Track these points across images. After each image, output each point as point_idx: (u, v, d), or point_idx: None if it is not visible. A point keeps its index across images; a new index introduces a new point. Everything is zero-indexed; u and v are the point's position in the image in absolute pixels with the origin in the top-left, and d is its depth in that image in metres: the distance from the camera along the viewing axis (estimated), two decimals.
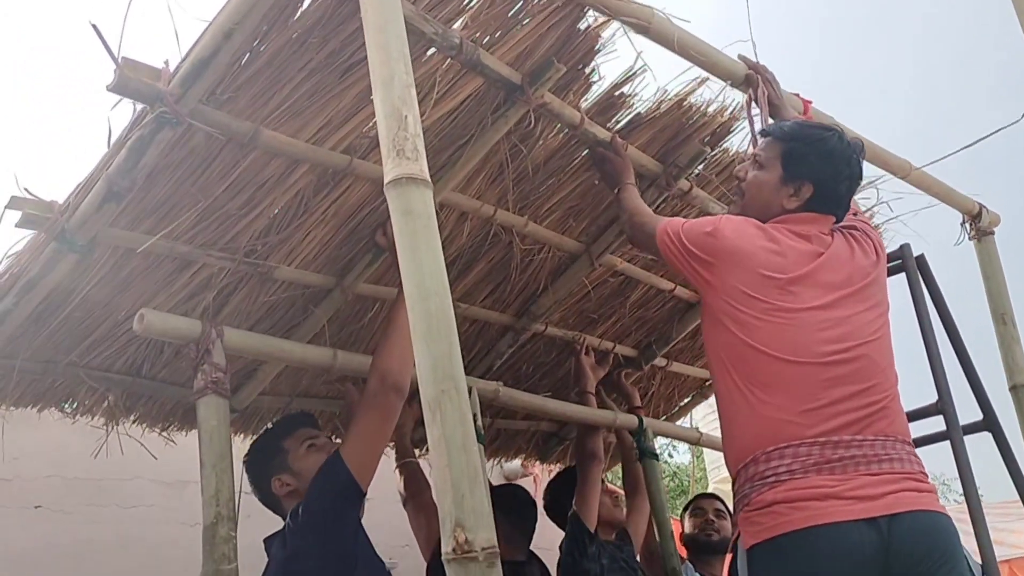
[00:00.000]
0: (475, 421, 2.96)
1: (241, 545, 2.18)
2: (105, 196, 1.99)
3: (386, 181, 1.52)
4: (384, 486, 2.55)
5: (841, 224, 2.30)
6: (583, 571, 3.31)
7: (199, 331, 2.27)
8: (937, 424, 2.49)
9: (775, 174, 2.26)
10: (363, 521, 2.38)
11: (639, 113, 2.81)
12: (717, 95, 2.88)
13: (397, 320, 2.34)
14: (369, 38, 1.61)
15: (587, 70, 2.56)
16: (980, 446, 2.64)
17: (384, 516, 4.25)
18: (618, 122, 2.80)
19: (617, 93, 2.70)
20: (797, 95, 2.78)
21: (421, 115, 2.29)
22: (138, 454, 4.12)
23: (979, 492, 2.65)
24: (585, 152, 2.85)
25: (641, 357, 4.02)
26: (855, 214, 2.43)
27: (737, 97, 2.88)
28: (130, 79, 1.81)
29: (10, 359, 2.39)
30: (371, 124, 2.30)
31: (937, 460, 2.42)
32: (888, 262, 2.53)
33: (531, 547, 3.41)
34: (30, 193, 2.04)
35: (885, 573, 1.88)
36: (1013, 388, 3.20)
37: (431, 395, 1.41)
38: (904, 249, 2.64)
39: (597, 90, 2.67)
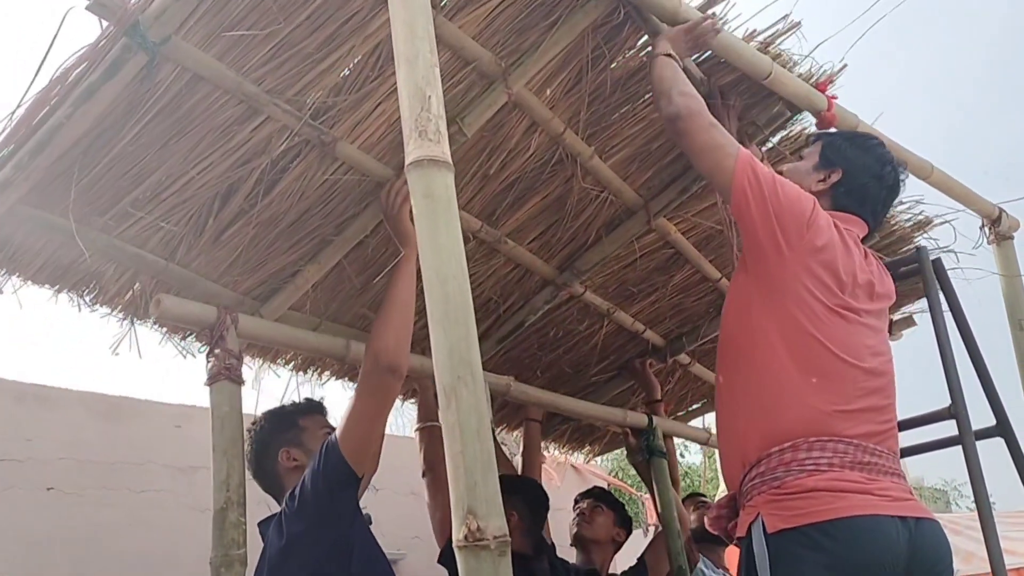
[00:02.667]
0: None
1: (254, 531, 2.22)
2: None
3: (407, 162, 1.50)
4: (392, 477, 2.45)
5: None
6: None
7: (214, 317, 2.29)
8: (950, 428, 2.51)
9: (811, 162, 2.34)
10: (371, 512, 2.37)
11: None
12: (807, 55, 2.78)
13: (392, 298, 2.28)
14: (393, 13, 1.57)
15: None
16: (993, 455, 2.63)
17: (392, 508, 4.13)
18: (704, 57, 2.68)
19: (708, 13, 2.59)
20: (826, 93, 2.70)
21: None
22: (150, 438, 4.04)
23: (991, 500, 2.57)
24: None
25: (668, 348, 3.92)
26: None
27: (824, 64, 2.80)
28: None
29: (41, 208, 2.17)
30: None
31: (950, 466, 2.41)
32: (904, 265, 2.64)
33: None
34: None
35: (908, 571, 1.90)
36: None
37: (447, 381, 1.39)
38: (921, 252, 2.65)
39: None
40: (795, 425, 1.97)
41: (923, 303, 3.42)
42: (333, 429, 2.33)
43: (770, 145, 2.97)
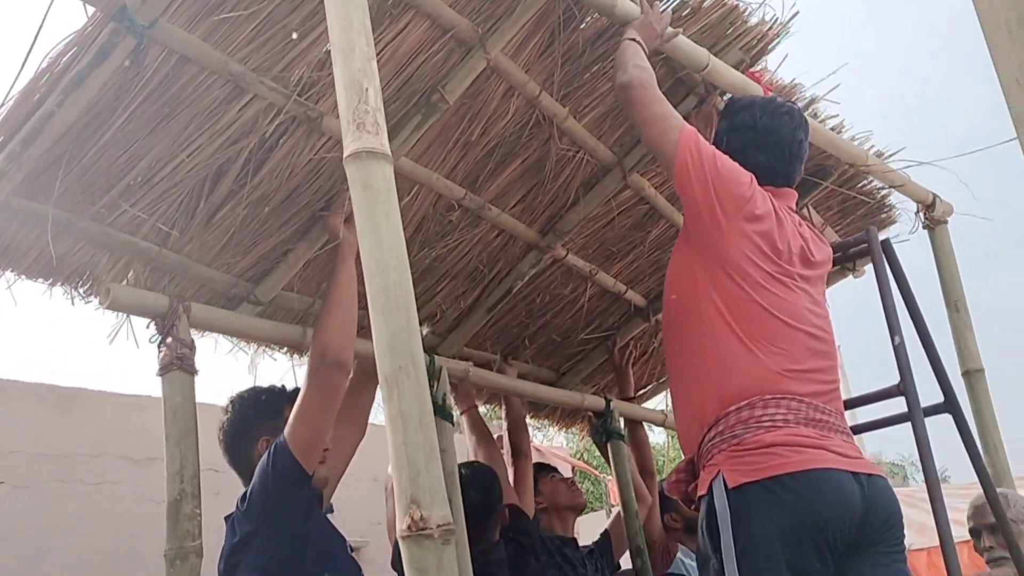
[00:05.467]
0: (444, 401, 2.94)
1: (211, 522, 2.18)
2: None
3: (345, 155, 1.50)
4: (353, 464, 2.47)
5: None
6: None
7: (166, 306, 2.28)
8: (900, 405, 2.54)
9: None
10: (333, 500, 2.36)
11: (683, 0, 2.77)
12: (760, 4, 2.86)
13: (333, 296, 2.30)
14: (329, 7, 1.57)
15: None
16: (949, 430, 2.70)
17: (354, 495, 4.07)
18: (664, 6, 2.74)
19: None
20: (756, 78, 2.79)
21: None
22: (105, 430, 3.95)
23: (944, 473, 2.67)
24: None
25: (649, 307, 3.96)
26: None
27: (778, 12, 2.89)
28: None
29: (34, 200, 2.16)
30: None
31: (908, 441, 2.47)
32: (855, 246, 2.70)
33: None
34: None
35: (863, 524, 1.97)
36: (965, 373, 3.30)
37: (388, 371, 1.39)
38: (870, 233, 2.71)
39: None
40: (750, 384, 2.04)
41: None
42: None
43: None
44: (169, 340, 2.25)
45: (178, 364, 2.23)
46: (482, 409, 3.96)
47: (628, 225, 3.48)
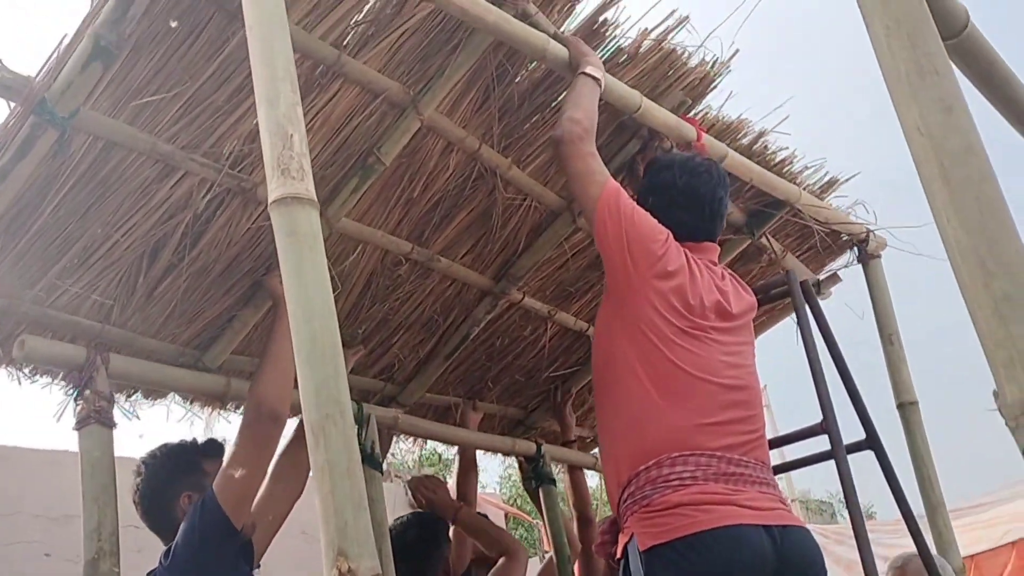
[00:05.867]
0: (373, 449, 2.93)
1: None
2: (91, 54, 1.86)
3: (270, 200, 1.49)
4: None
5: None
6: None
7: (83, 357, 2.25)
8: (824, 443, 2.60)
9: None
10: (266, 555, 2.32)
11: (620, 47, 2.79)
12: (699, 46, 2.89)
13: (271, 351, 2.31)
14: (253, 54, 1.58)
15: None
16: (874, 467, 2.76)
17: (283, 548, 3.92)
18: (602, 56, 2.77)
19: (600, 19, 2.67)
20: (691, 120, 2.83)
21: (407, 13, 2.29)
22: (20, 488, 3.84)
23: (869, 510, 2.70)
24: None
25: None
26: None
27: (718, 51, 2.92)
28: None
29: None
30: (363, 12, 2.24)
31: (835, 479, 2.53)
32: (775, 287, 2.76)
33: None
34: (5, 68, 1.90)
35: None
36: (900, 406, 3.34)
37: (314, 420, 1.37)
38: (790, 275, 2.78)
39: (580, 15, 2.64)
40: (658, 443, 2.04)
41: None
42: None
43: None
44: (87, 393, 2.20)
45: (96, 417, 2.19)
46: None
47: (583, 265, 3.49)
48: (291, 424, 2.82)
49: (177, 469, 2.33)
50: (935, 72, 1.17)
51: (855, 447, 2.69)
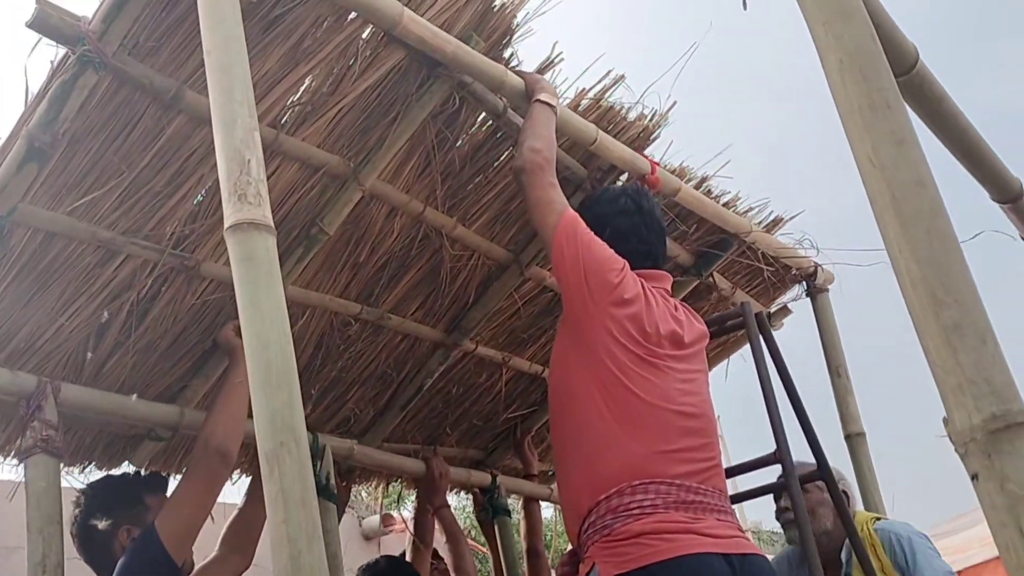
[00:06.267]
0: (328, 480, 2.95)
1: None
2: (26, 155, 1.90)
3: (226, 226, 1.49)
4: None
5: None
6: None
7: (33, 386, 2.23)
8: (777, 472, 2.72)
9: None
10: None
11: None
12: (637, 100, 2.96)
13: (226, 391, 2.34)
14: (211, 78, 1.60)
15: (506, 54, 2.60)
16: None
17: None
18: None
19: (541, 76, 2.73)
20: (645, 155, 2.90)
21: (344, 91, 2.34)
22: None
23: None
24: (510, 149, 2.86)
25: None
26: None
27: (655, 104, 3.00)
28: (50, 15, 1.75)
29: None
30: (300, 93, 2.29)
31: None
32: (731, 319, 2.81)
33: None
34: None
35: None
36: (848, 437, 3.44)
37: (268, 448, 1.37)
38: (745, 307, 2.83)
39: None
40: (617, 471, 2.06)
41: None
42: None
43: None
44: (35, 422, 2.18)
45: (43, 447, 2.16)
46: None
47: (535, 312, 3.54)
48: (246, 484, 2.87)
49: (117, 502, 2.31)
50: (887, 106, 1.20)
51: (807, 477, 2.77)
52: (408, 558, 3.69)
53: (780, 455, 2.58)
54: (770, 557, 2.68)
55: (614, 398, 2.13)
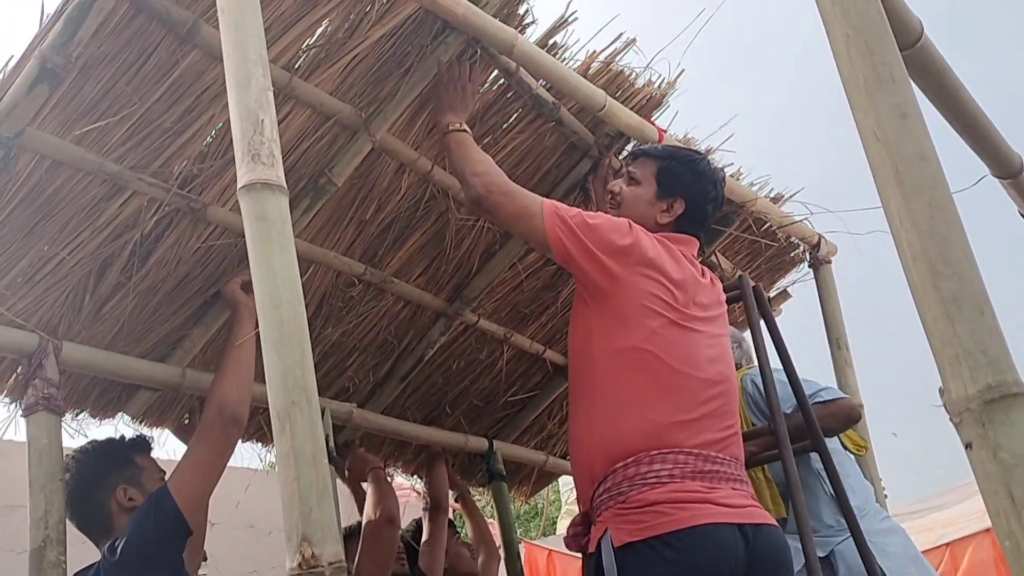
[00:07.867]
0: (327, 442, 2.93)
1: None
2: (38, 75, 1.87)
3: (239, 186, 1.50)
4: (230, 510, 2.40)
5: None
6: None
7: (35, 344, 2.24)
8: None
9: (650, 190, 2.38)
10: (208, 547, 2.33)
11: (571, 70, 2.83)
12: (646, 66, 2.95)
13: (234, 352, 2.33)
14: (225, 37, 1.59)
15: (521, 10, 2.59)
16: None
17: (230, 541, 3.94)
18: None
19: (550, 42, 2.72)
20: (652, 122, 2.89)
21: (359, 37, 2.32)
22: None
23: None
24: (519, 111, 2.85)
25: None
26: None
27: (664, 72, 2.99)
28: None
29: None
30: (315, 36, 2.27)
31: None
32: (728, 292, 2.73)
33: None
34: None
35: (748, 575, 2.00)
36: None
37: (281, 406, 1.38)
38: (742, 280, 2.83)
39: (530, 37, 2.68)
40: (636, 440, 2.04)
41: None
42: (166, 473, 2.29)
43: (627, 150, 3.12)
44: (36, 380, 2.19)
45: (44, 404, 2.17)
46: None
47: (538, 287, 3.52)
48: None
49: (110, 462, 2.32)
50: (892, 80, 1.22)
51: (801, 448, 2.74)
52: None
53: (775, 426, 2.57)
54: None
55: (640, 366, 2.10)
